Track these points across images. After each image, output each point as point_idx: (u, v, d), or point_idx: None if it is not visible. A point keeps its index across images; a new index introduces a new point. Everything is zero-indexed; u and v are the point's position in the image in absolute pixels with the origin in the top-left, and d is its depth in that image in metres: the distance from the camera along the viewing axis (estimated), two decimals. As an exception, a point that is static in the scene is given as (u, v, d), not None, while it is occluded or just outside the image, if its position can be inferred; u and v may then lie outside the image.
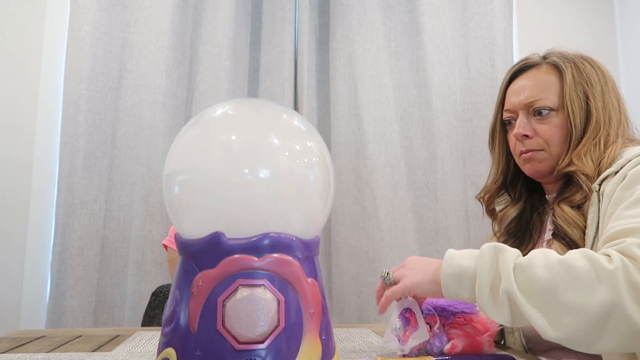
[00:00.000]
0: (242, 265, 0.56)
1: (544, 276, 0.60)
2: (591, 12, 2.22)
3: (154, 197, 1.75)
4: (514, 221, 0.97)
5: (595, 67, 0.91)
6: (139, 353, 0.85)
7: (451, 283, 0.68)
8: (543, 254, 0.64)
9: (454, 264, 0.69)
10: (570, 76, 0.89)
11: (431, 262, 0.75)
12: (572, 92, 0.88)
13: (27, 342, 0.93)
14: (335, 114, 1.94)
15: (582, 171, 0.82)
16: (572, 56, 0.92)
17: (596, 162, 0.83)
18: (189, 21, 1.90)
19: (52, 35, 1.86)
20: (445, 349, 0.75)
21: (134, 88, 1.83)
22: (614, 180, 0.76)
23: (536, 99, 0.90)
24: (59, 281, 1.70)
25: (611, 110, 0.88)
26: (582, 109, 0.87)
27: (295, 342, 0.57)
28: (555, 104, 0.89)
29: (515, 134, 0.92)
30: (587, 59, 0.92)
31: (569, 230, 0.80)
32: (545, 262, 0.62)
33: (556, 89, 0.90)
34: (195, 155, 0.61)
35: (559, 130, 0.89)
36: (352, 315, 1.84)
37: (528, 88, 0.92)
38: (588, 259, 0.60)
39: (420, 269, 0.75)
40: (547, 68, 0.92)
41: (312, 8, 2.01)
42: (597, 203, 0.78)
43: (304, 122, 0.67)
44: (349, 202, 1.90)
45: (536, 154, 0.91)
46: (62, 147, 1.75)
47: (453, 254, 0.71)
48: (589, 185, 0.81)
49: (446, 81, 1.99)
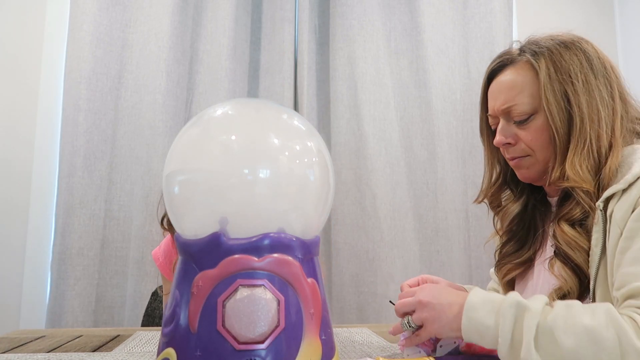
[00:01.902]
0: (242, 265, 0.56)
1: (567, 344, 0.58)
2: (591, 11, 2.22)
3: (154, 197, 1.75)
4: (515, 219, 0.91)
5: (578, 53, 0.80)
6: (139, 353, 0.85)
7: (473, 336, 0.66)
8: (569, 313, 0.60)
9: (475, 318, 0.65)
10: (544, 73, 0.79)
11: (450, 304, 0.69)
12: (547, 92, 0.78)
13: (27, 342, 0.93)
14: (335, 114, 1.94)
15: (581, 188, 0.74)
16: (550, 45, 0.82)
17: (594, 172, 0.75)
18: (189, 21, 1.90)
19: (52, 35, 1.86)
20: (461, 347, 0.75)
21: (134, 88, 1.83)
22: (623, 204, 0.69)
23: (512, 105, 0.82)
24: (59, 281, 1.70)
25: (599, 104, 0.77)
26: (561, 109, 0.78)
27: (295, 342, 0.57)
28: (533, 107, 0.81)
29: (496, 143, 0.86)
30: (568, 44, 0.81)
31: (571, 253, 0.74)
32: (572, 328, 0.59)
33: (531, 90, 0.81)
34: (195, 155, 0.61)
35: (540, 134, 0.81)
36: (352, 315, 1.84)
37: (504, 91, 0.84)
38: (616, 330, 0.57)
39: (440, 314, 0.69)
40: (522, 65, 0.83)
41: (312, 8, 2.01)
42: (602, 223, 0.71)
43: (304, 122, 0.67)
44: (349, 202, 1.90)
45: (522, 160, 0.84)
46: (62, 147, 1.75)
47: (473, 304, 0.66)
48: (590, 203, 0.74)
49: (446, 81, 1.99)
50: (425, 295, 0.72)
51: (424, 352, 0.74)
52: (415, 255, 1.90)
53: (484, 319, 0.64)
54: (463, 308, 0.66)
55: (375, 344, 0.92)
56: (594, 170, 0.76)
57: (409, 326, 0.73)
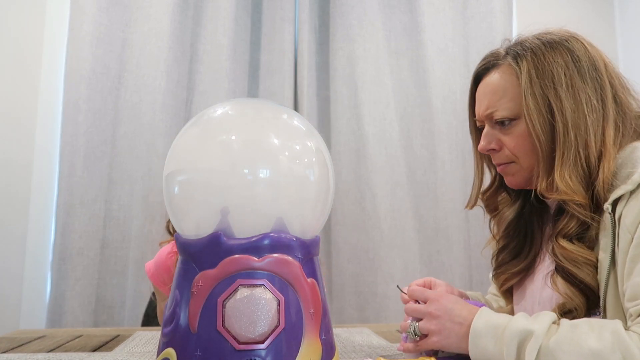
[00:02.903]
0: (242, 265, 0.56)
1: None
2: (591, 12, 2.22)
3: (154, 197, 1.75)
4: (512, 223, 0.88)
5: (564, 53, 0.75)
6: (139, 353, 0.85)
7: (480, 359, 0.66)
8: (574, 335, 0.59)
9: (480, 345, 0.65)
10: (525, 77, 0.75)
11: (460, 324, 0.68)
12: (528, 97, 0.74)
13: (27, 342, 0.93)
14: (335, 114, 1.94)
15: (574, 201, 0.71)
16: (534, 46, 0.77)
17: (585, 183, 0.72)
18: (189, 21, 1.90)
19: (52, 35, 1.86)
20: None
21: (134, 88, 1.83)
22: (633, 207, 0.66)
23: (494, 110, 0.79)
24: (59, 281, 1.70)
25: (585, 109, 0.72)
26: (542, 115, 0.73)
27: (295, 342, 0.57)
28: (514, 113, 0.77)
29: (480, 149, 0.84)
30: (554, 44, 0.76)
31: (576, 271, 0.71)
32: (577, 350, 0.58)
33: (512, 94, 0.77)
34: (195, 155, 0.61)
35: (523, 140, 0.77)
36: (352, 315, 1.84)
37: (487, 96, 0.81)
38: (622, 353, 0.57)
39: (448, 332, 0.69)
40: (504, 69, 0.80)
41: (312, 8, 2.01)
42: (611, 227, 0.68)
43: (304, 122, 0.67)
44: (349, 202, 1.90)
45: (507, 167, 0.82)
46: (62, 147, 1.76)
47: (478, 332, 0.66)
48: (587, 215, 0.71)
49: (446, 81, 1.99)
50: (436, 308, 0.71)
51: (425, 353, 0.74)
52: (415, 255, 1.90)
53: (488, 346, 0.64)
54: (470, 330, 0.66)
55: (375, 344, 0.92)
56: (585, 181, 0.72)
57: (414, 334, 0.73)
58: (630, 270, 0.64)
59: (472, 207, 0.92)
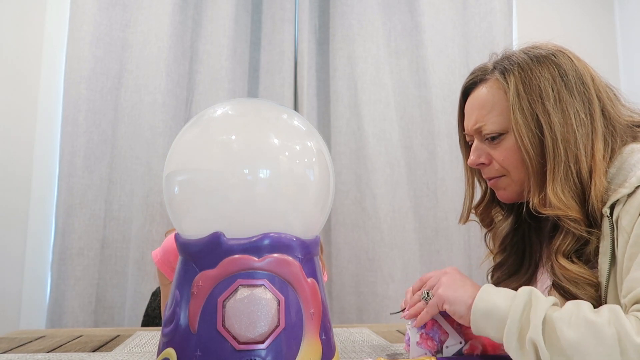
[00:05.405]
0: (242, 265, 0.56)
1: (570, 336, 0.58)
2: (591, 11, 2.22)
3: (154, 197, 1.75)
4: (507, 238, 0.88)
5: (551, 67, 0.75)
6: (139, 353, 0.85)
7: (480, 318, 0.66)
8: (575, 309, 0.61)
9: (488, 299, 0.66)
10: (513, 92, 0.75)
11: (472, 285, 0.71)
12: (516, 112, 0.74)
13: (27, 342, 0.93)
14: (335, 114, 1.94)
15: (568, 216, 0.71)
16: (521, 60, 0.78)
17: (578, 198, 0.72)
18: (189, 21, 1.90)
19: (52, 35, 1.86)
20: (464, 349, 0.75)
21: (134, 88, 1.83)
22: (629, 209, 0.66)
23: (482, 124, 0.80)
24: (59, 281, 1.70)
25: (574, 123, 0.72)
26: (530, 129, 0.73)
27: (295, 342, 0.57)
28: (503, 127, 0.78)
29: (469, 163, 0.84)
30: (541, 58, 0.77)
31: (577, 291, 0.71)
32: (575, 321, 0.59)
33: (500, 108, 0.78)
34: (195, 155, 0.61)
35: (512, 154, 0.77)
36: (352, 315, 1.84)
37: (476, 110, 0.81)
38: (617, 327, 0.57)
39: (459, 286, 0.71)
40: (492, 84, 0.80)
41: (312, 8, 2.01)
42: (610, 231, 0.68)
43: (304, 122, 0.67)
44: (349, 202, 1.90)
45: (498, 181, 0.82)
46: (62, 147, 1.75)
47: (489, 289, 0.68)
48: (582, 230, 0.71)
49: (446, 81, 1.99)
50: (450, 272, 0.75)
51: (429, 353, 0.74)
52: (415, 255, 1.90)
53: (497, 299, 0.65)
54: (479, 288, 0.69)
55: (375, 344, 0.92)
56: (579, 197, 0.72)
57: (427, 296, 0.75)
58: (628, 269, 0.65)
59: (465, 221, 0.92)
